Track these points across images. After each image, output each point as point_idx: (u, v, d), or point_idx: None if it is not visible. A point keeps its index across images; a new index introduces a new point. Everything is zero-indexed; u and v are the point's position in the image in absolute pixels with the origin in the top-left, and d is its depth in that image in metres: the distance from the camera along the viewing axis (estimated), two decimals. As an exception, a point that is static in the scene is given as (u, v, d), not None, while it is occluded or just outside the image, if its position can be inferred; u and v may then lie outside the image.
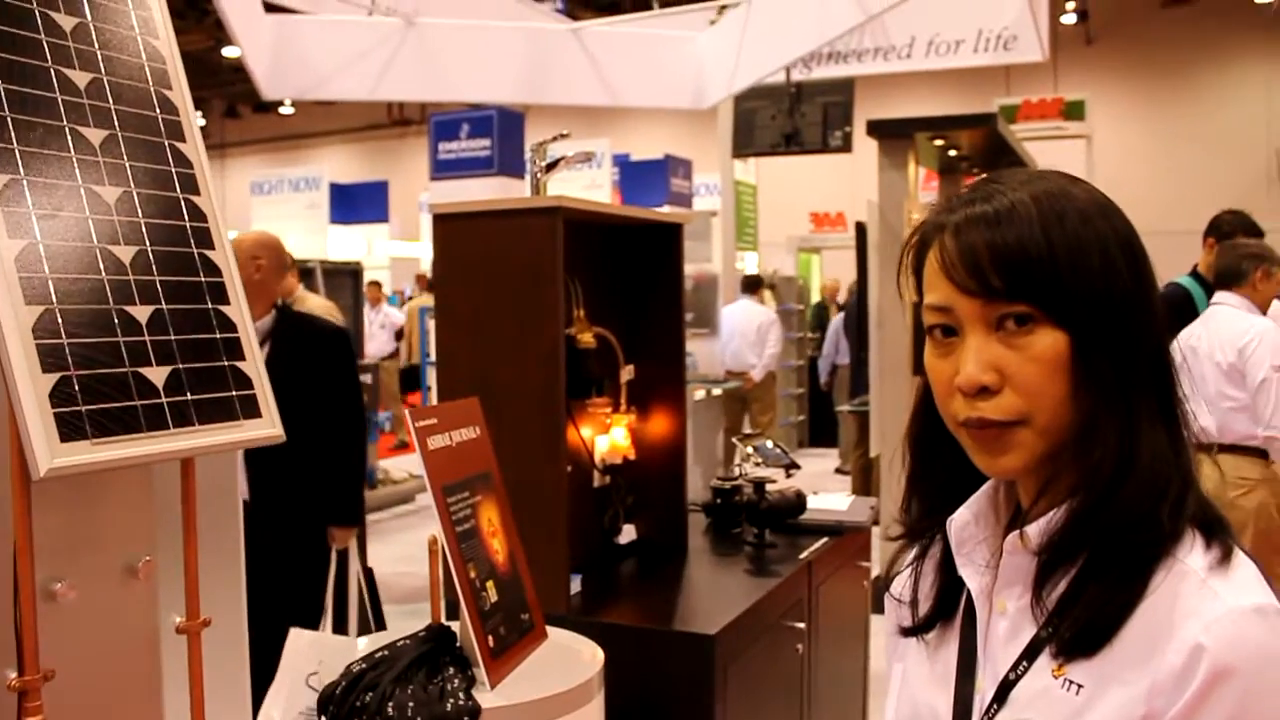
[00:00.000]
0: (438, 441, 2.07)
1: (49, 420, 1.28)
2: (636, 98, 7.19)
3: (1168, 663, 0.86)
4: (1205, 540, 0.92)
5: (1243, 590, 0.88)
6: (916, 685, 1.09)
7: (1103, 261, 0.93)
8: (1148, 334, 0.95)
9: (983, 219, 0.95)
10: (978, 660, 1.01)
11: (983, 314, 0.95)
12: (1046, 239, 0.92)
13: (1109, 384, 0.93)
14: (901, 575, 1.14)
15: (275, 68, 6.57)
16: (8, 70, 1.40)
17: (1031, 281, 0.92)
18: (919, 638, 1.09)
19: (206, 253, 1.57)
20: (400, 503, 8.65)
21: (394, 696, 1.97)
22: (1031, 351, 0.93)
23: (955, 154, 7.24)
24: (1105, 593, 0.90)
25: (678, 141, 17.86)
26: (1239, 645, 0.85)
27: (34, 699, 1.39)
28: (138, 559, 1.54)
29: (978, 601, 1.01)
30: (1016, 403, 0.94)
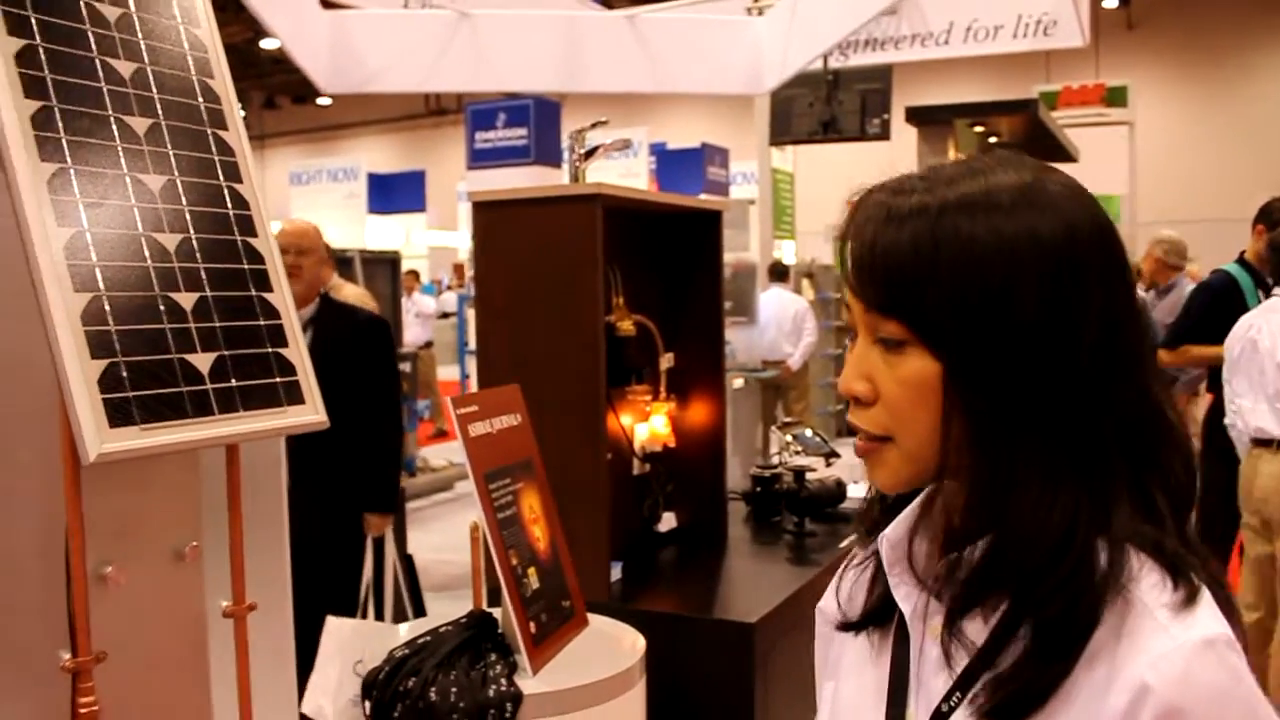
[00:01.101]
0: (479, 428, 2.07)
1: (98, 406, 1.29)
2: (692, 84, 7.15)
3: (1110, 703, 0.79)
4: (1168, 573, 0.82)
5: (1193, 623, 0.80)
6: (846, 709, 1.02)
7: (1000, 289, 0.82)
8: (1053, 377, 0.83)
9: (883, 221, 0.87)
10: (910, 685, 0.94)
11: (866, 321, 0.89)
12: (935, 256, 0.83)
13: (983, 423, 0.84)
14: (848, 577, 1.06)
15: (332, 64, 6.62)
16: (55, 61, 1.41)
17: (905, 300, 0.85)
18: (860, 634, 1.02)
19: (249, 240, 1.58)
20: (439, 490, 8.70)
21: (437, 682, 1.98)
22: (899, 371, 0.87)
23: (995, 140, 7.18)
24: (1034, 666, 0.82)
25: (714, 130, 17.81)
26: (1187, 684, 0.77)
27: (86, 679, 1.41)
28: (185, 543, 1.56)
29: (910, 623, 0.94)
30: (884, 419, 0.89)
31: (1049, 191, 0.86)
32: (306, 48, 6.41)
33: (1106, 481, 0.84)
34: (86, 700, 1.41)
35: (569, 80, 6.89)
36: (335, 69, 6.56)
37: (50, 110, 1.38)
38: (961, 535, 0.87)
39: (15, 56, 1.36)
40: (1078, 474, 0.83)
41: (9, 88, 1.34)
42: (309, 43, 6.42)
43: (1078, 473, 0.83)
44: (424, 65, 6.93)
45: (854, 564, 1.05)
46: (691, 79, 6.81)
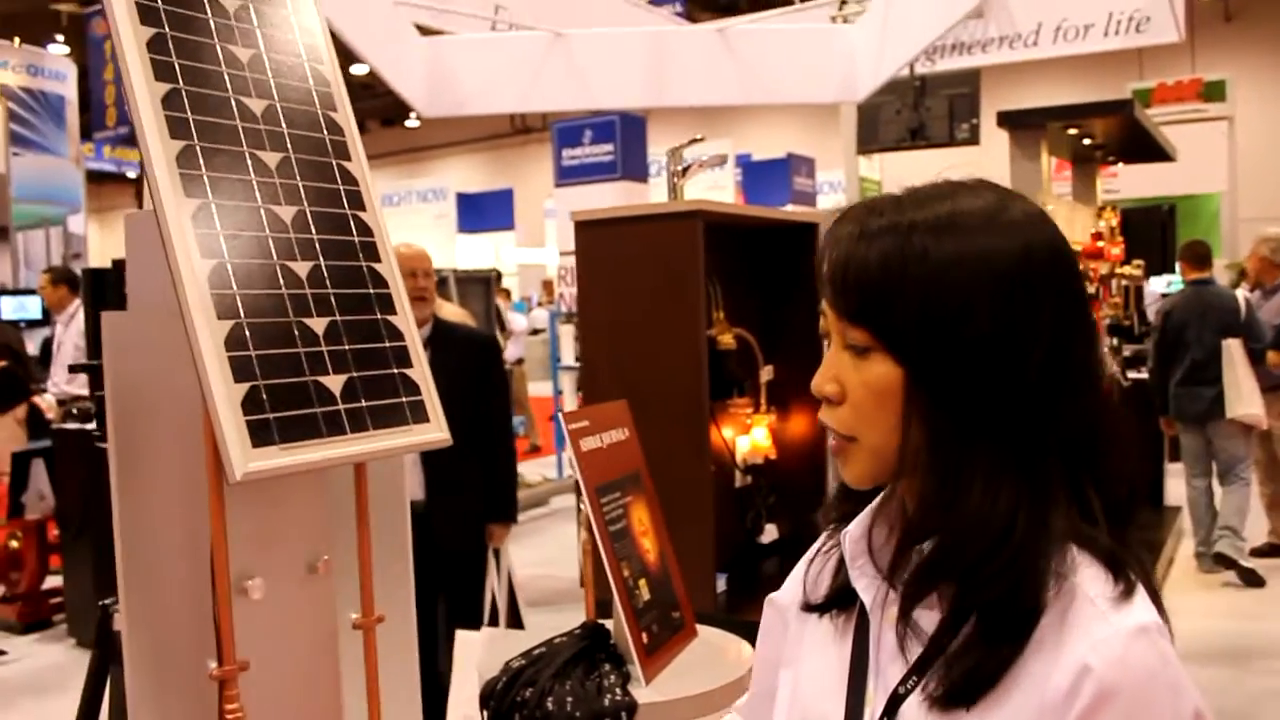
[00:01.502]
0: (590, 443, 2.12)
1: (242, 427, 1.36)
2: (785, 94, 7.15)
3: (1054, 683, 0.86)
4: (1111, 573, 0.90)
5: (1130, 611, 0.88)
6: (807, 693, 1.07)
7: (960, 309, 0.90)
8: (1003, 389, 0.90)
9: (855, 236, 0.94)
10: (869, 669, 1.00)
11: (839, 327, 0.96)
12: (901, 271, 0.91)
13: (938, 427, 0.91)
14: (816, 563, 1.12)
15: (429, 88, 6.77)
16: (196, 102, 1.49)
17: (872, 309, 0.92)
18: (824, 618, 1.07)
19: (374, 265, 1.64)
20: (535, 505, 8.81)
21: (553, 692, 2.03)
22: (865, 375, 0.94)
23: (1090, 143, 7.05)
24: (982, 651, 0.89)
25: (798, 140, 17.76)
26: (1124, 665, 0.85)
27: (232, 688, 1.47)
28: (317, 557, 1.63)
29: (870, 612, 1.00)
30: (849, 419, 0.96)
31: (1011, 217, 0.94)
32: (403, 74, 6.55)
33: (1046, 484, 0.91)
34: (232, 708, 1.48)
35: (660, 95, 6.93)
36: (432, 93, 6.70)
37: (193, 149, 1.47)
38: (915, 530, 0.94)
39: (162, 100, 1.45)
40: (1020, 476, 0.91)
41: (157, 130, 1.42)
42: (405, 69, 6.57)
43: (1020, 475, 0.91)
44: (519, 86, 7.04)
45: (822, 551, 1.11)
46: (784, 89, 6.80)
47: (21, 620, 5.98)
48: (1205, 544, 6.45)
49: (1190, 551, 6.63)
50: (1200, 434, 6.39)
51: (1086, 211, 7.19)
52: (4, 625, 6.05)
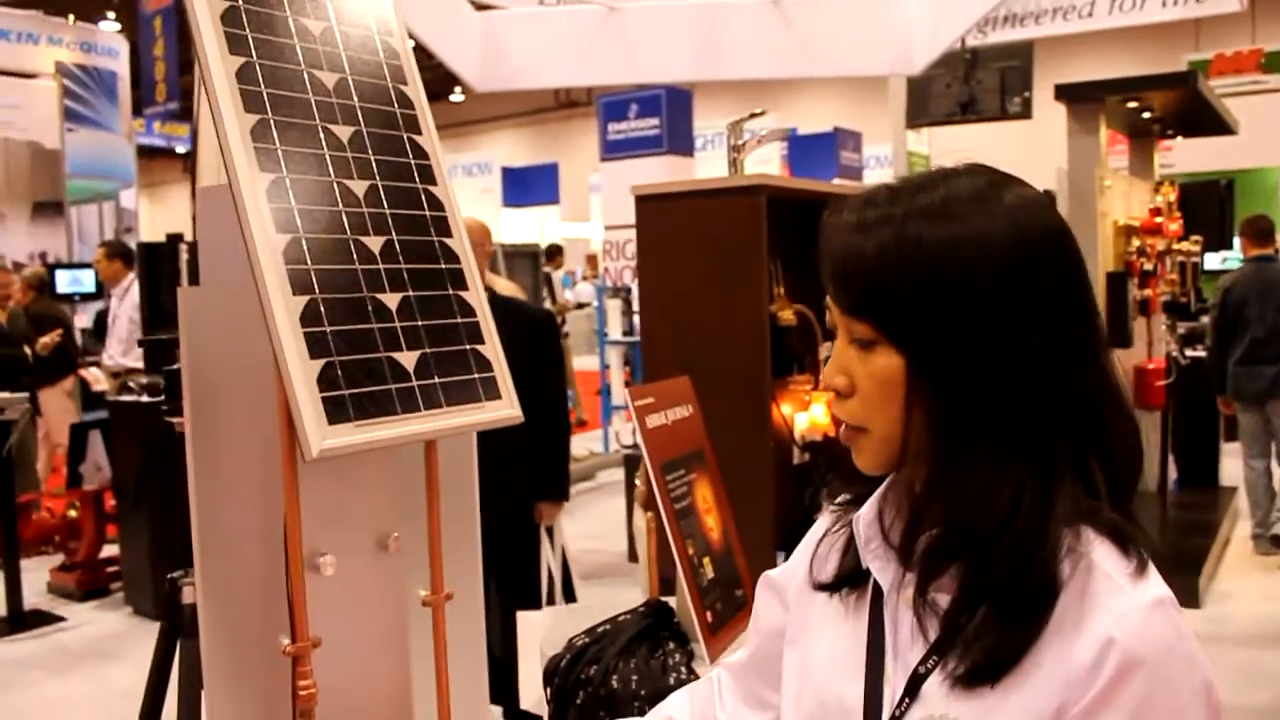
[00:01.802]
0: (655, 420, 2.10)
1: (318, 404, 1.36)
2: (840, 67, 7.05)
3: (1079, 655, 0.88)
4: (1117, 547, 0.92)
5: (1146, 586, 0.91)
6: (820, 672, 1.08)
7: (954, 298, 0.91)
8: (1004, 372, 0.92)
9: (852, 230, 0.95)
10: (886, 651, 1.01)
11: (843, 321, 0.98)
12: (898, 262, 0.92)
13: (937, 412, 0.93)
14: (825, 543, 1.14)
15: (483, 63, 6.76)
16: (270, 76, 1.48)
17: (872, 302, 0.94)
18: (833, 597, 1.09)
19: (445, 240, 1.63)
20: (581, 480, 8.83)
21: (618, 670, 2.02)
22: (870, 366, 0.96)
23: (1148, 116, 6.91)
24: (1002, 630, 0.91)
25: (845, 114, 17.57)
26: (1145, 638, 0.88)
27: (305, 664, 1.48)
28: (388, 535, 1.62)
29: (886, 594, 1.02)
30: (859, 410, 0.98)
31: (1004, 198, 0.95)
32: (455, 49, 6.53)
33: (1051, 462, 0.93)
34: (305, 684, 1.48)
35: (714, 68, 6.87)
36: (485, 68, 6.69)
37: (266, 123, 1.45)
38: (922, 513, 0.96)
39: (236, 74, 1.44)
40: (1024, 456, 0.92)
41: (232, 103, 1.41)
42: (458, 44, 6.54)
43: (1024, 454, 0.92)
44: (571, 60, 7.01)
45: (831, 532, 1.13)
46: (838, 62, 6.70)
47: (80, 588, 6.09)
48: (1263, 525, 6.35)
49: (1247, 533, 6.52)
50: (1259, 414, 6.28)
51: (1144, 186, 7.05)
52: (63, 592, 6.17)
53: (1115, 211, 6.22)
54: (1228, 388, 6.32)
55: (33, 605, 5.87)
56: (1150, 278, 6.25)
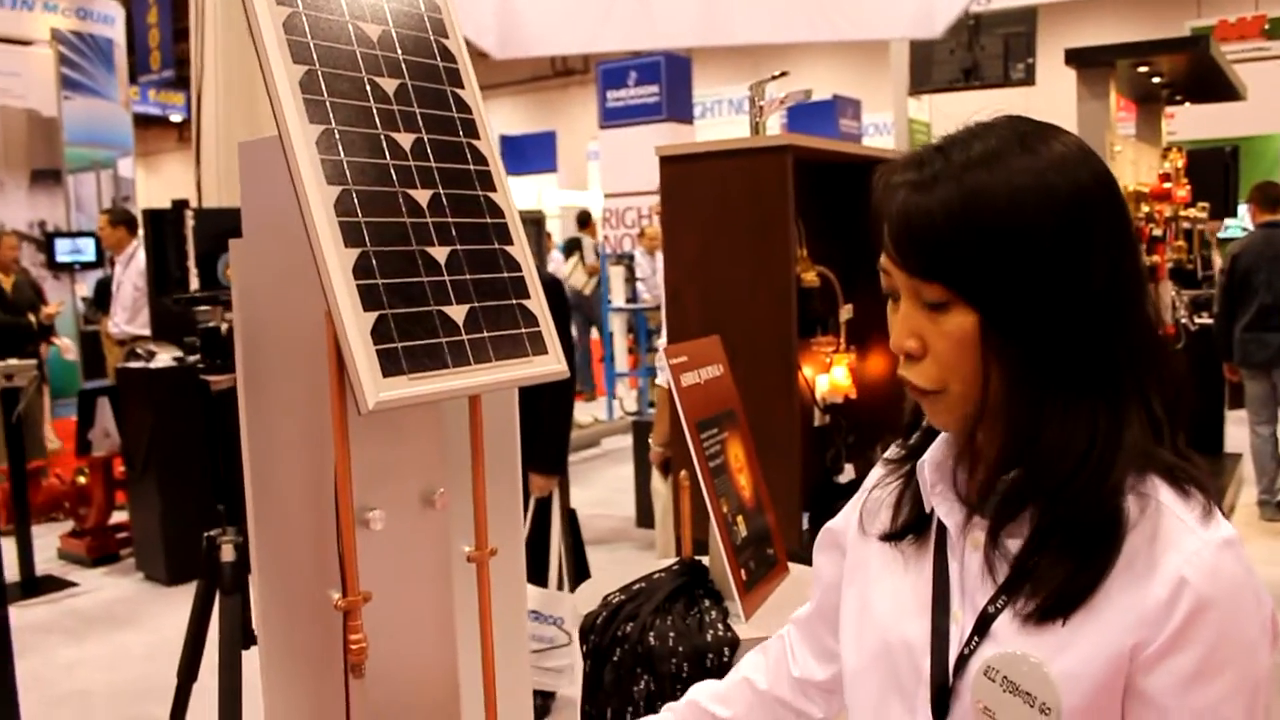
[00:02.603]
0: (689, 379, 2.10)
1: (373, 357, 1.35)
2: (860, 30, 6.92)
3: (1153, 594, 0.91)
4: (1179, 491, 0.95)
5: (1214, 526, 0.93)
6: (883, 614, 1.10)
7: (1023, 245, 0.93)
8: (1073, 315, 0.94)
9: (912, 188, 0.96)
10: (951, 592, 1.03)
11: (909, 285, 0.98)
12: (963, 216, 0.93)
13: (1013, 364, 0.95)
14: (874, 497, 1.17)
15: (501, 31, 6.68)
16: (315, 27, 1.46)
17: (943, 263, 0.94)
18: (893, 545, 1.12)
19: (490, 195, 1.62)
20: (587, 446, 8.84)
21: (654, 627, 2.03)
22: (944, 327, 0.96)
23: (1157, 81, 6.88)
24: (1072, 564, 0.93)
25: (844, 81, 17.48)
26: (1217, 577, 0.91)
27: (355, 618, 1.48)
28: (433, 490, 1.62)
29: (953, 536, 1.04)
30: (934, 371, 0.98)
31: (1051, 145, 0.97)
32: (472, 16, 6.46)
33: (1119, 402, 0.95)
34: (355, 638, 1.48)
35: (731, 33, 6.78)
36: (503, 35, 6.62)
37: (314, 74, 1.44)
38: (1001, 462, 0.98)
39: (283, 24, 1.42)
40: (1096, 397, 0.95)
41: (280, 54, 1.40)
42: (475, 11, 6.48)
43: (1096, 396, 0.95)
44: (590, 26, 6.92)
45: (883, 483, 1.17)
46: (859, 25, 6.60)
47: (90, 554, 6.11)
48: (1269, 492, 6.38)
49: (1251, 499, 6.56)
50: (1266, 380, 6.29)
51: (1152, 152, 7.04)
52: (74, 559, 6.18)
53: (1124, 177, 6.20)
54: (1234, 354, 6.33)
55: (44, 571, 5.88)
56: (1159, 244, 6.25)
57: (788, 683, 1.33)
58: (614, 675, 1.99)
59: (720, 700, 1.34)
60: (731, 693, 1.35)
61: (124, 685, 4.50)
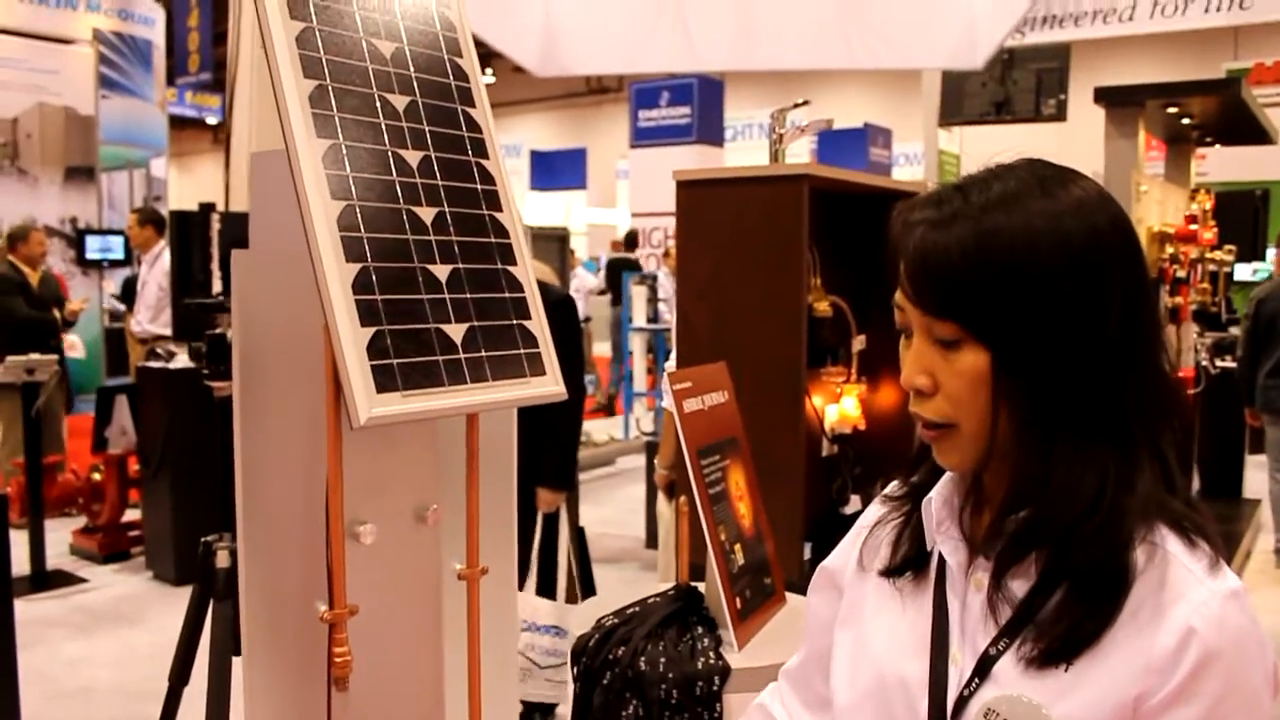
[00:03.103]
0: (692, 405, 2.10)
1: (367, 372, 1.36)
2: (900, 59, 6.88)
3: (1160, 643, 0.90)
4: (1186, 541, 0.95)
5: (1220, 576, 0.93)
6: (879, 651, 1.09)
7: (1038, 287, 0.93)
8: (1086, 359, 0.94)
9: (929, 226, 0.96)
10: (951, 632, 1.03)
11: (922, 322, 0.98)
12: (980, 256, 0.93)
13: (1024, 406, 0.95)
14: (875, 534, 1.16)
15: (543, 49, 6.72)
16: (330, 43, 1.48)
17: (958, 301, 0.94)
18: (891, 582, 1.11)
19: (496, 214, 1.63)
20: (602, 465, 8.83)
21: (646, 651, 2.02)
22: (956, 365, 0.96)
23: (1188, 122, 6.84)
24: (1080, 608, 0.93)
25: (875, 110, 17.51)
26: (1224, 627, 0.91)
27: (341, 631, 1.48)
28: (426, 507, 1.62)
29: (955, 575, 1.04)
30: (945, 408, 0.98)
31: (1070, 190, 0.97)
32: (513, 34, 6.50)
33: (1131, 448, 0.95)
34: (340, 650, 1.49)
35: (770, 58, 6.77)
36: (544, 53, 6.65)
37: (325, 89, 1.45)
38: (1009, 504, 0.98)
39: (296, 39, 1.44)
40: (1106, 443, 0.95)
41: (292, 68, 1.41)
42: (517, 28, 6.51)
43: (1106, 442, 0.95)
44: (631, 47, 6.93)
45: (884, 520, 1.15)
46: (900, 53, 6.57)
47: (102, 551, 6.14)
48: (1287, 539, 6.30)
49: (1269, 546, 6.47)
50: (1288, 427, 6.22)
51: (1179, 193, 6.99)
52: (85, 555, 6.22)
53: (1150, 218, 6.16)
54: (1256, 400, 6.27)
55: (55, 566, 5.92)
56: (1182, 285, 6.20)
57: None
58: (603, 699, 1.98)
59: None
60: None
61: (127, 684, 4.51)
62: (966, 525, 1.05)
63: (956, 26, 6.82)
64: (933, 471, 1.11)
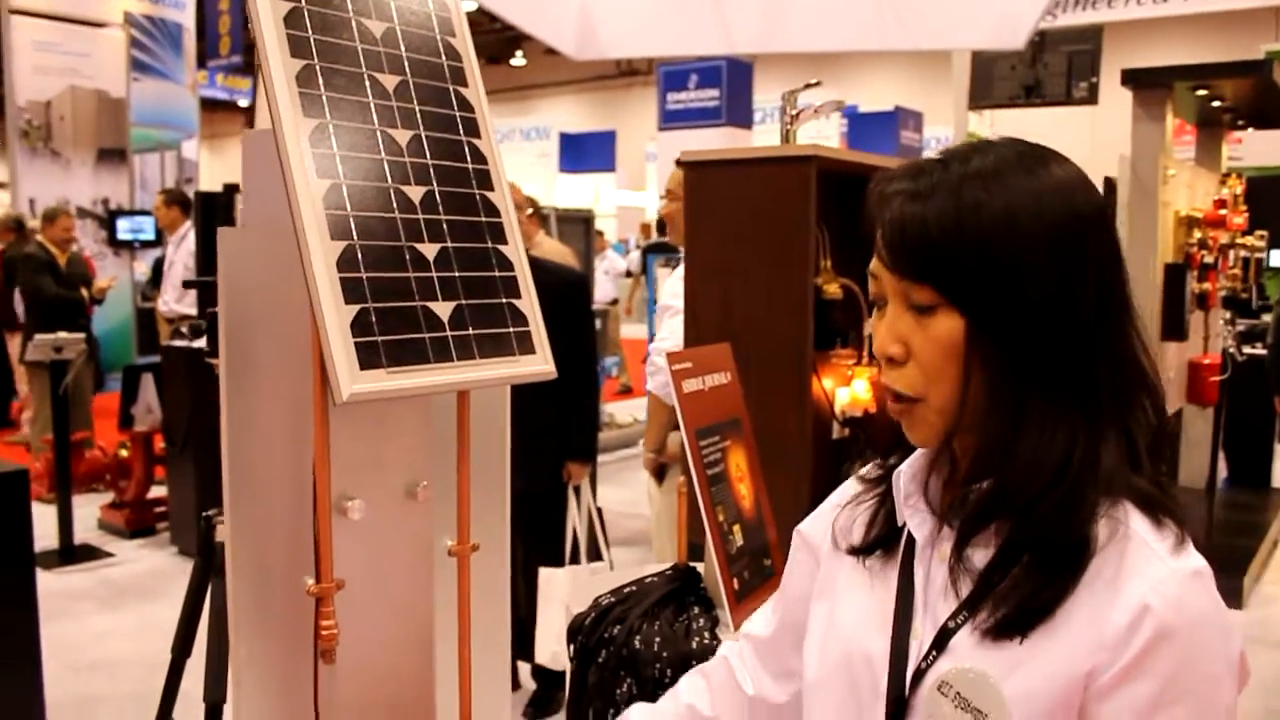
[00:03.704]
0: (692, 385, 2.10)
1: (350, 349, 1.37)
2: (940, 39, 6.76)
3: (1113, 620, 0.90)
4: (1152, 520, 0.95)
5: (1183, 555, 0.93)
6: (847, 628, 1.10)
7: (1015, 256, 0.93)
8: (1059, 330, 0.95)
9: (908, 197, 0.97)
10: (915, 606, 1.03)
11: (898, 289, 0.99)
12: (955, 230, 0.94)
13: (998, 373, 0.95)
14: (846, 511, 1.17)
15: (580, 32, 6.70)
16: (319, 22, 1.48)
17: (934, 266, 0.95)
18: (861, 560, 1.12)
19: (487, 194, 1.63)
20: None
21: (641, 631, 2.03)
22: (931, 331, 0.97)
23: (1219, 105, 6.75)
24: (1038, 579, 0.93)
25: (906, 93, 17.37)
26: (1182, 606, 0.90)
27: (328, 604, 1.49)
28: (416, 483, 1.63)
29: (920, 549, 1.05)
30: (916, 378, 0.99)
31: (1050, 170, 0.98)
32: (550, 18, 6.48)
33: (1097, 421, 0.96)
34: (327, 624, 1.50)
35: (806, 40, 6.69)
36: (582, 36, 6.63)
37: (312, 68, 1.46)
38: (973, 472, 0.99)
39: (284, 19, 1.44)
40: (1075, 414, 0.95)
41: (278, 48, 1.42)
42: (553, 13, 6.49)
43: (1075, 412, 0.95)
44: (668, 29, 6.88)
45: (856, 499, 1.17)
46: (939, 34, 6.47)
47: (128, 526, 6.23)
48: (1313, 528, 6.23)
49: (1296, 535, 6.41)
50: (1317, 415, 6.14)
51: (1209, 178, 6.90)
52: (112, 530, 6.31)
53: (1178, 202, 6.09)
54: (1285, 387, 6.19)
55: (82, 540, 6.01)
56: (1210, 271, 6.12)
57: (734, 707, 1.31)
58: (598, 677, 2.00)
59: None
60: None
61: (151, 656, 4.58)
62: (934, 498, 1.06)
63: (996, 5, 6.68)
64: (906, 452, 1.11)
